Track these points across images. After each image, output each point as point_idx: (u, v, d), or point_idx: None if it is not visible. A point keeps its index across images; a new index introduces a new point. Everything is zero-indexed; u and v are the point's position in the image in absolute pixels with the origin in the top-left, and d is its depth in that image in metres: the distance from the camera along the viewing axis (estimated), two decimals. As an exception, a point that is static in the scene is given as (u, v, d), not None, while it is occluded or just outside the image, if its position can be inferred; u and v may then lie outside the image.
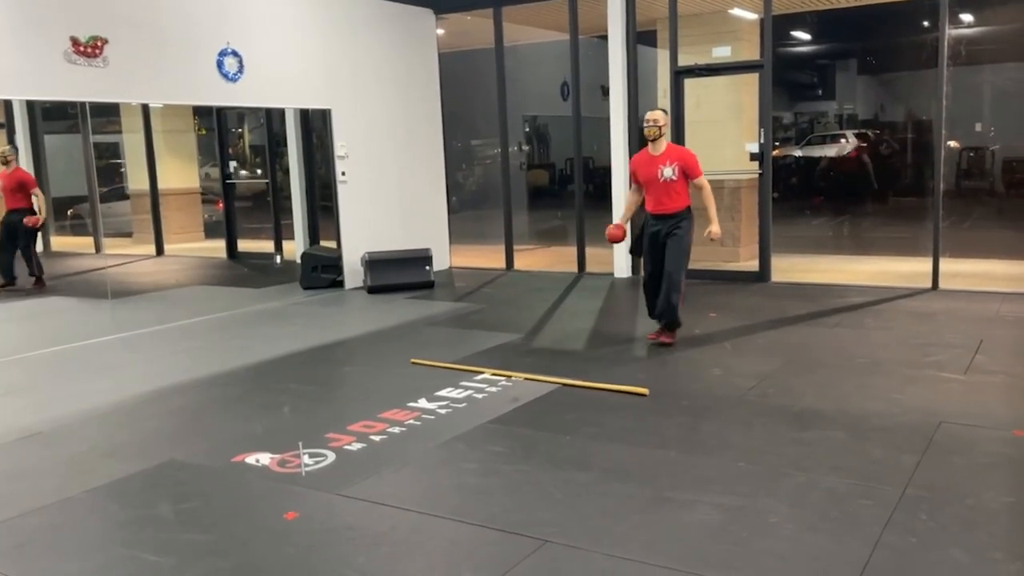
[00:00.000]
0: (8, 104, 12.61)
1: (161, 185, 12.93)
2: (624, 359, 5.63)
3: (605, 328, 6.67)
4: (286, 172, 11.42)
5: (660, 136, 5.75)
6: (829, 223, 13.00)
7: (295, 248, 10.77)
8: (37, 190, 9.87)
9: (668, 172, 5.68)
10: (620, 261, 8.86)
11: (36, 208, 9.51)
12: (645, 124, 5.79)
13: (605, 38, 8.76)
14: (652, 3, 8.73)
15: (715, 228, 5.77)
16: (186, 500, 3.52)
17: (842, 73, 15.39)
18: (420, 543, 3.10)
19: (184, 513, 3.40)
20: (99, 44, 6.24)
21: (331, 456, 3.93)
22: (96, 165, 13.13)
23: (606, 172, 9.09)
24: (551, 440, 4.11)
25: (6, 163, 9.58)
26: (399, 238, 8.91)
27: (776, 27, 8.10)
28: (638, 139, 8.77)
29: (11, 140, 13.19)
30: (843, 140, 15.65)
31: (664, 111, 5.96)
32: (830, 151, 15.33)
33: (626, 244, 6.69)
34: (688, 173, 5.72)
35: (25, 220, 9.40)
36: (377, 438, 4.16)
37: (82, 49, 6.16)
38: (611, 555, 2.92)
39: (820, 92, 15.64)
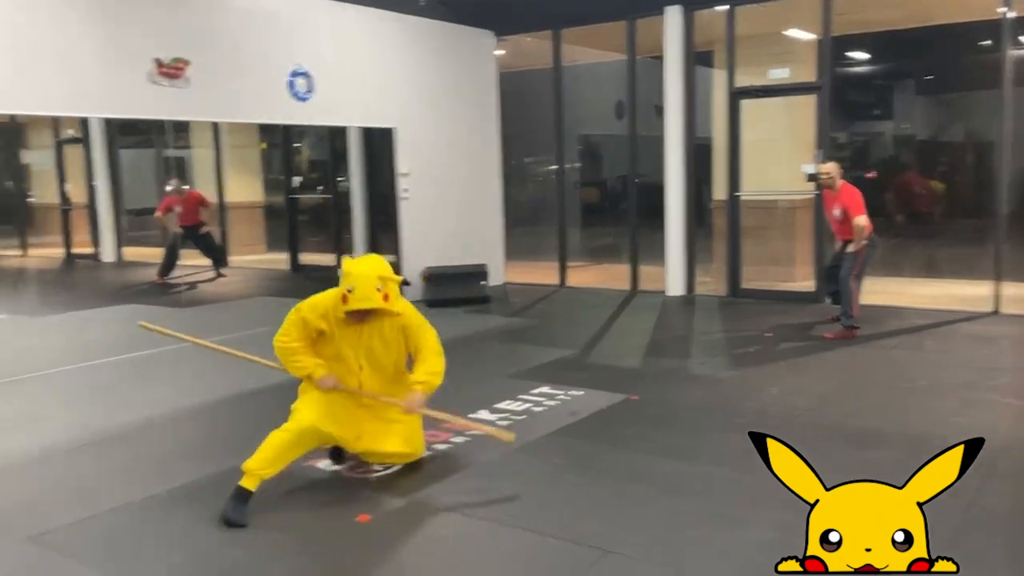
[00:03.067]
0: (85, 120, 13.19)
1: (227, 199, 13.34)
2: (679, 376, 5.72)
3: (660, 345, 6.76)
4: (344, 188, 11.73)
5: (832, 183, 6.70)
6: (886, 244, 12.82)
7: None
8: (209, 203, 11.42)
9: (836, 213, 6.71)
10: (672, 280, 8.94)
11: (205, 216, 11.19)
12: (818, 176, 6.97)
13: (659, 59, 8.87)
14: (710, 25, 8.82)
15: (849, 248, 6.66)
16: (264, 502, 3.70)
17: (900, 93, 15.20)
18: (486, 549, 3.24)
19: (263, 514, 3.58)
20: (181, 65, 6.57)
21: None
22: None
23: (657, 190, 9.17)
24: (609, 454, 4.22)
25: (180, 191, 10.96)
26: (456, 253, 9.12)
27: (833, 47, 8.12)
28: (695, 158, 8.86)
29: (87, 153, 13.78)
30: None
31: (836, 163, 6.85)
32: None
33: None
34: (848, 213, 6.56)
35: (202, 231, 11.06)
36: (442, 447, 4.32)
37: (165, 70, 6.50)
38: (671, 567, 3.02)
39: (877, 112, 15.44)
